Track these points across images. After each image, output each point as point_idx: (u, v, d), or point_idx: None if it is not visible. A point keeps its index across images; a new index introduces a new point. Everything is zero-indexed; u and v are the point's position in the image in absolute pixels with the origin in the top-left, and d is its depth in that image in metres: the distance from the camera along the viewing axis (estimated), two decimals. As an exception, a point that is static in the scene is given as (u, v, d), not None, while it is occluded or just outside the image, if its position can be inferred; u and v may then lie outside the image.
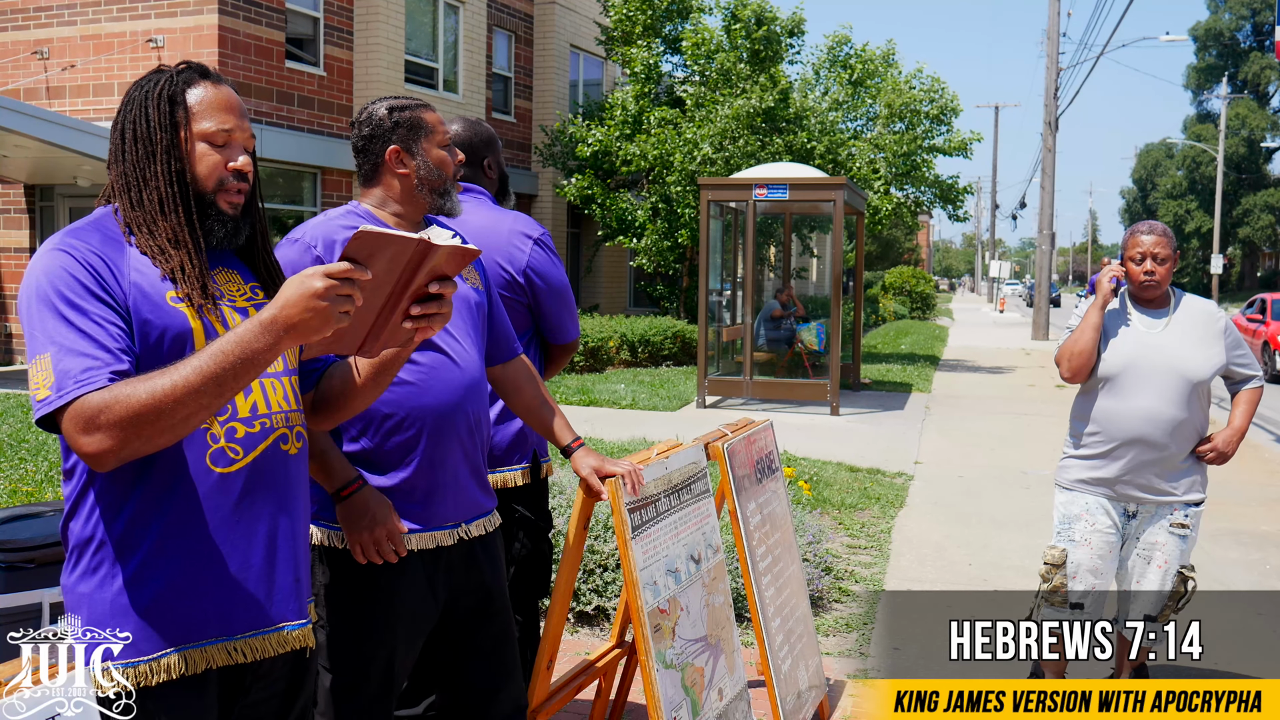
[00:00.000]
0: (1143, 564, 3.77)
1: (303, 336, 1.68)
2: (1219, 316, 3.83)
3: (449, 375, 2.53)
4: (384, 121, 2.59)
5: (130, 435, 1.68)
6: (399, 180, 2.59)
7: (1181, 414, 3.72)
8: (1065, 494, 3.89)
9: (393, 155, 2.58)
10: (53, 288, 1.77)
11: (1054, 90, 27.54)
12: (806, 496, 7.00)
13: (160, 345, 1.81)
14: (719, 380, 13.64)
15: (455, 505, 2.57)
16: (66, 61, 16.11)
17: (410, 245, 1.70)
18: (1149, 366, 3.73)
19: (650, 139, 18.37)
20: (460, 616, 2.61)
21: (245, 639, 1.90)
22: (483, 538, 2.64)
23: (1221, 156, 53.43)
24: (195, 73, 1.94)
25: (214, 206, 1.91)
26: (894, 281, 40.42)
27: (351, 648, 2.49)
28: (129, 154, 1.89)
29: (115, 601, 1.80)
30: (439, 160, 2.61)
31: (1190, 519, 3.77)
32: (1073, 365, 3.82)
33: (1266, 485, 9.07)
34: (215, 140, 1.90)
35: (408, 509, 2.50)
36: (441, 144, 2.62)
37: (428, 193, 2.60)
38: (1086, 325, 3.80)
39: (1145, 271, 3.75)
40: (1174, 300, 3.85)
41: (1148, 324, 3.81)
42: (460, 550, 2.58)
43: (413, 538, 2.50)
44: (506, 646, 2.68)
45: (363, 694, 2.50)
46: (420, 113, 2.61)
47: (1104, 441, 3.79)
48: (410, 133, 2.58)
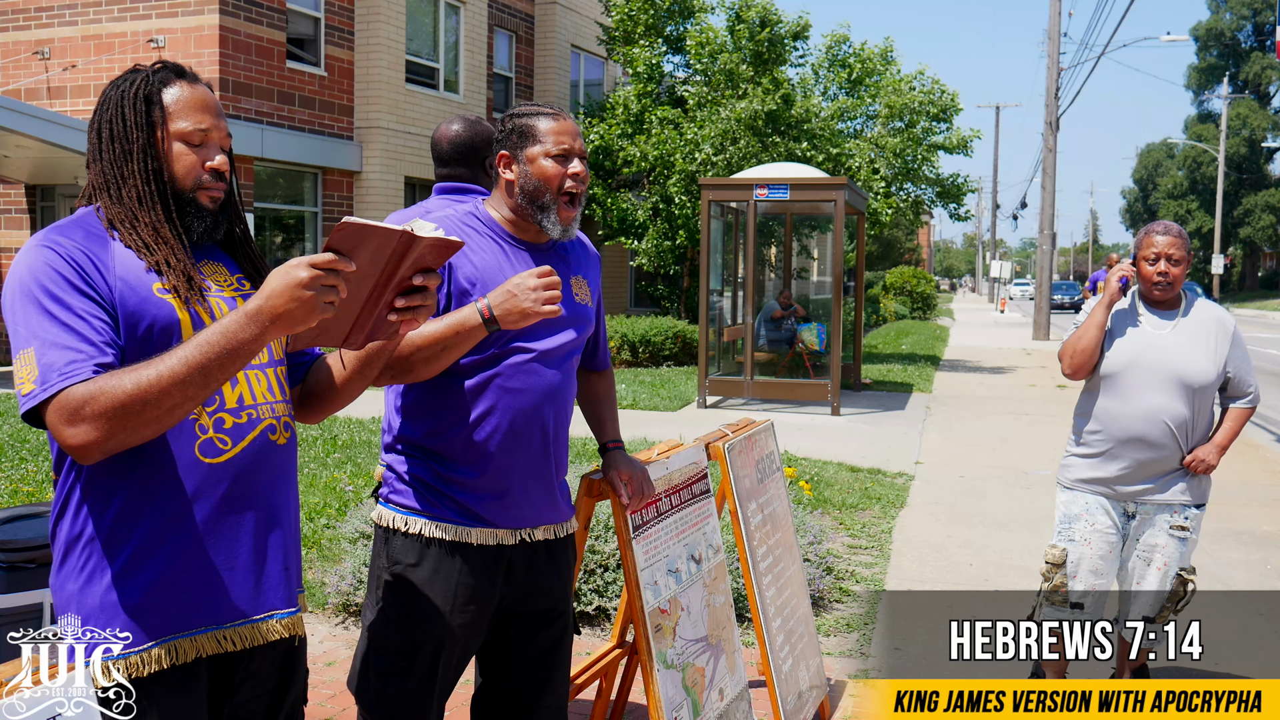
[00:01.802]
0: (1142, 565, 3.77)
1: (288, 327, 1.69)
2: (1229, 323, 3.82)
3: (533, 382, 2.51)
4: (501, 126, 2.58)
5: (116, 426, 1.68)
6: (505, 185, 2.56)
7: (1183, 415, 3.71)
8: (1066, 493, 3.89)
9: (501, 160, 2.55)
10: (36, 283, 1.77)
11: (1055, 90, 27.54)
12: (807, 496, 7.00)
13: (149, 337, 1.82)
14: (720, 380, 13.64)
15: (521, 507, 2.55)
16: (67, 62, 16.12)
17: (394, 237, 1.72)
18: (1151, 367, 3.72)
19: (651, 139, 18.37)
20: (518, 619, 2.60)
21: (234, 627, 1.90)
22: (549, 543, 2.62)
23: (1222, 156, 53.45)
24: (171, 72, 1.94)
25: (193, 203, 1.91)
26: (895, 282, 40.40)
27: (398, 634, 2.49)
28: (106, 153, 1.90)
29: (105, 595, 1.80)
30: (541, 172, 2.50)
31: (1190, 521, 3.76)
32: (1075, 362, 3.82)
33: (1266, 485, 9.07)
34: (192, 140, 1.91)
35: (473, 504, 2.50)
36: (550, 154, 2.50)
37: (528, 203, 2.52)
38: (1091, 323, 3.80)
39: (1159, 273, 3.74)
40: (1185, 303, 3.84)
41: (1155, 325, 3.80)
42: (523, 551, 2.57)
43: (472, 531, 2.49)
44: (556, 655, 2.66)
45: (405, 682, 2.49)
46: (534, 120, 2.53)
47: (1104, 440, 3.79)
48: (520, 139, 2.53)
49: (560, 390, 2.57)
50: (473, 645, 2.57)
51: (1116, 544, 3.80)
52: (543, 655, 2.64)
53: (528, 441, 2.51)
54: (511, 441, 2.49)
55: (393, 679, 2.49)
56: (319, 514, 6.40)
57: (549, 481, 2.59)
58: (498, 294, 2.34)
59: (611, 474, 2.86)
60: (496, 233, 2.55)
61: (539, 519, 2.58)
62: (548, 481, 2.58)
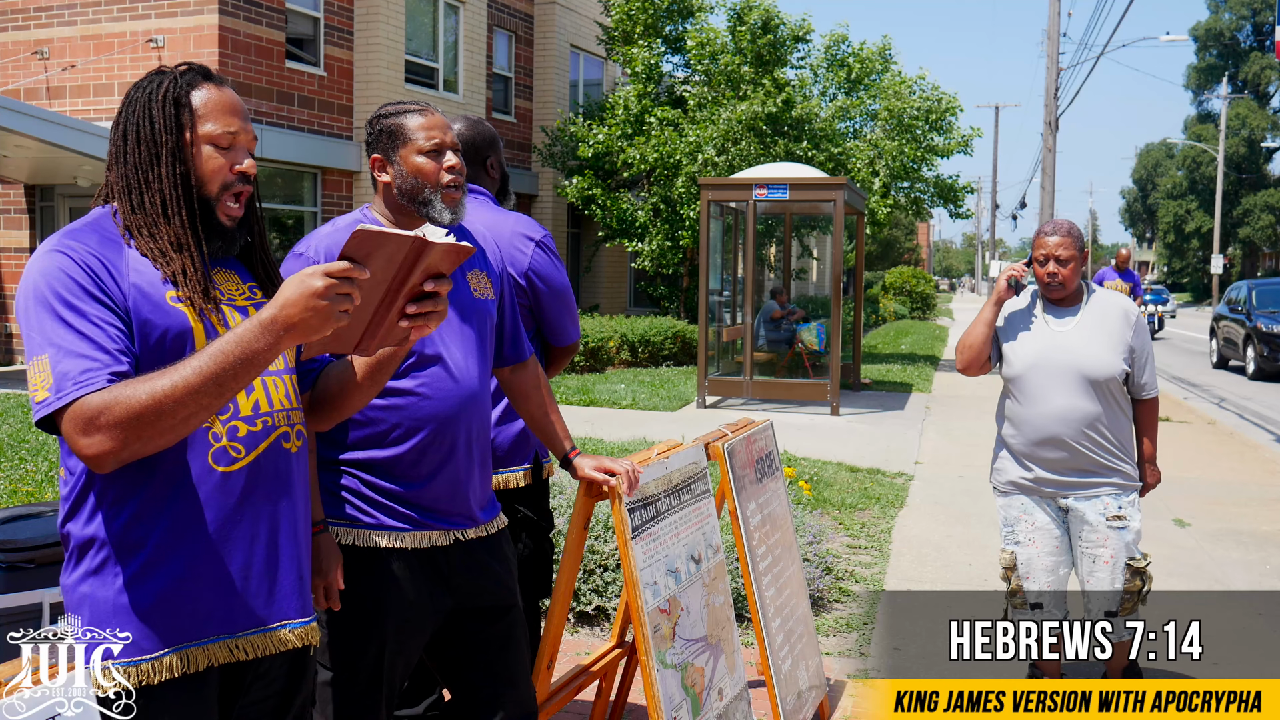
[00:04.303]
0: (1089, 561, 3.77)
1: (302, 336, 1.69)
2: (1132, 312, 3.82)
3: (446, 388, 2.52)
4: (369, 129, 2.58)
5: (130, 436, 1.68)
6: (383, 188, 2.57)
7: (1092, 411, 3.71)
8: (1002, 498, 3.93)
9: (375, 164, 2.56)
10: (50, 289, 1.76)
11: (1054, 90, 27.54)
12: (807, 496, 7.00)
13: (161, 345, 1.81)
14: (719, 380, 13.63)
15: (450, 510, 2.56)
16: (67, 61, 16.11)
17: (406, 243, 1.72)
18: (1054, 366, 3.73)
19: (652, 141, 18.37)
20: (466, 618, 2.60)
21: (247, 636, 1.90)
22: (485, 539, 2.63)
23: (1222, 156, 53.44)
24: (198, 74, 1.93)
25: (215, 212, 1.91)
26: (894, 281, 40.40)
27: (341, 643, 2.50)
28: (131, 156, 1.88)
29: (117, 601, 1.80)
30: (416, 169, 2.51)
31: (1124, 510, 3.74)
32: (964, 358, 3.88)
33: (1266, 485, 9.06)
34: (220, 143, 1.90)
35: (402, 509, 2.50)
36: (423, 150, 2.51)
37: (409, 201, 2.53)
38: (979, 320, 3.86)
39: (1049, 273, 3.76)
40: (1085, 297, 3.84)
41: (1057, 324, 3.81)
42: (460, 551, 2.57)
43: (405, 535, 2.50)
44: (511, 651, 2.66)
45: (353, 690, 2.50)
46: (401, 119, 2.53)
47: (1022, 443, 3.81)
48: (390, 140, 2.53)
49: (476, 392, 2.57)
50: (416, 648, 2.57)
51: (1062, 538, 3.80)
52: (499, 650, 2.64)
53: (450, 447, 2.52)
54: (434, 448, 2.50)
55: (338, 689, 2.49)
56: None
57: (474, 482, 2.60)
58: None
59: (589, 470, 2.84)
60: None
61: (471, 520, 2.59)
62: (473, 482, 2.59)
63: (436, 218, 2.53)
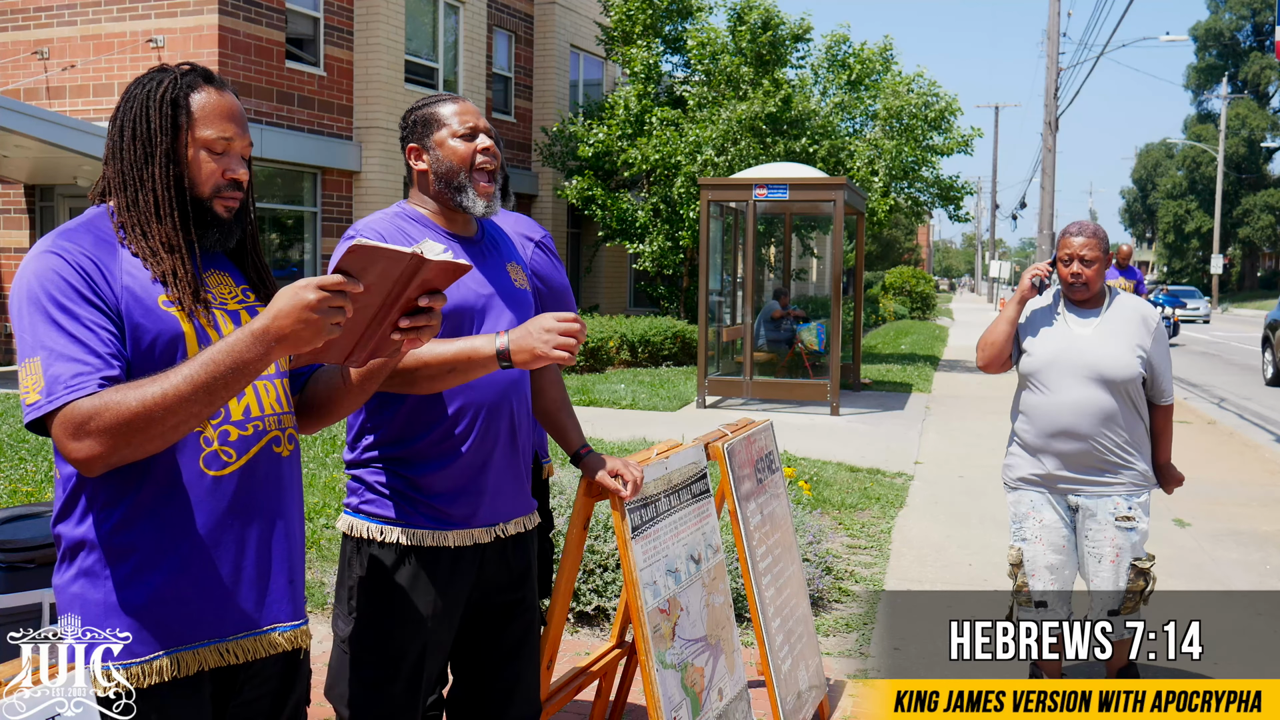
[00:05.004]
0: (1094, 561, 3.77)
1: (294, 347, 1.69)
2: (1152, 317, 3.84)
3: (498, 374, 2.50)
4: (403, 125, 2.60)
5: (120, 442, 1.68)
6: (418, 177, 2.58)
7: (1109, 406, 3.72)
8: (1012, 493, 3.94)
9: (410, 153, 2.58)
10: (43, 290, 1.76)
11: (1054, 90, 27.54)
12: (806, 496, 7.00)
13: (153, 350, 1.81)
14: (719, 380, 13.63)
15: (495, 504, 2.55)
16: (67, 61, 16.11)
17: (403, 259, 1.72)
18: (1072, 364, 3.75)
19: (652, 141, 18.36)
20: (487, 613, 2.60)
21: (238, 640, 1.90)
22: (518, 535, 2.63)
23: (1222, 156, 53.45)
24: (199, 76, 1.92)
25: (209, 212, 1.90)
26: (894, 281, 40.41)
27: (383, 643, 2.48)
28: (127, 153, 1.88)
29: (108, 603, 1.80)
30: (450, 152, 2.53)
31: (1134, 511, 3.76)
32: (985, 355, 3.90)
33: (1266, 485, 9.06)
34: (215, 148, 1.89)
35: (448, 507, 2.49)
36: (456, 134, 2.53)
37: (445, 187, 2.54)
38: (1002, 318, 3.88)
39: (1073, 274, 3.77)
40: (1108, 300, 3.86)
41: (1078, 324, 3.82)
42: (495, 547, 2.57)
43: (450, 535, 2.49)
44: (527, 646, 2.67)
45: (392, 690, 2.49)
46: (435, 108, 2.57)
47: (1035, 435, 3.82)
48: (424, 128, 2.56)
49: (519, 379, 2.59)
50: (449, 644, 2.58)
51: (1069, 537, 3.81)
52: (514, 647, 2.64)
53: (495, 435, 2.52)
54: (481, 438, 2.50)
55: (379, 688, 2.49)
56: (318, 514, 6.40)
57: (518, 472, 2.60)
58: (518, 331, 2.36)
59: (601, 475, 2.84)
60: (429, 228, 2.56)
61: (512, 513, 2.60)
62: (516, 472, 2.60)
63: (470, 207, 2.54)
